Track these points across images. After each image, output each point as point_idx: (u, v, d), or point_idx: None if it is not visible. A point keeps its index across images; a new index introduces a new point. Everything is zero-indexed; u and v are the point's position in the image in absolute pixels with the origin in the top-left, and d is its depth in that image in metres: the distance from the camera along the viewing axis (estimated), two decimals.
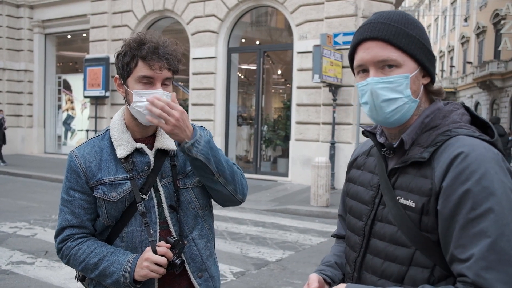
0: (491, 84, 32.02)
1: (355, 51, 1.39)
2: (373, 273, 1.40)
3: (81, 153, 1.84)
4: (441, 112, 1.37)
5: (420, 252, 1.28)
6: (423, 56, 1.34)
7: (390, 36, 1.31)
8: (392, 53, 1.31)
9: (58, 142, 19.49)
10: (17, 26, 19.12)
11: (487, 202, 1.15)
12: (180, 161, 1.91)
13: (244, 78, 17.13)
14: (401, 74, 1.31)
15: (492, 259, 1.13)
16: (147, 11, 15.27)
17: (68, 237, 1.83)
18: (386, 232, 1.36)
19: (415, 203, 1.28)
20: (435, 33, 50.48)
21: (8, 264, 5.64)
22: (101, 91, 16.11)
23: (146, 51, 1.72)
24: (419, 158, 1.29)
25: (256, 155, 14.02)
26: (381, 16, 1.36)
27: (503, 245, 1.13)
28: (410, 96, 1.33)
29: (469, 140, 1.25)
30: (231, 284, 5.15)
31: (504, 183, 1.18)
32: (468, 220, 1.17)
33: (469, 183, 1.18)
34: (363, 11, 11.70)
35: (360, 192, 1.50)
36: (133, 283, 1.73)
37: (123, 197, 1.79)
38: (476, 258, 1.14)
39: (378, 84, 1.32)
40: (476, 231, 1.16)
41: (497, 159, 1.22)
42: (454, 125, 1.31)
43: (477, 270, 1.14)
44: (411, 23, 1.35)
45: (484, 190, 1.16)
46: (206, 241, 1.96)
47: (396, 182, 1.36)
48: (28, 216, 8.34)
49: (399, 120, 1.35)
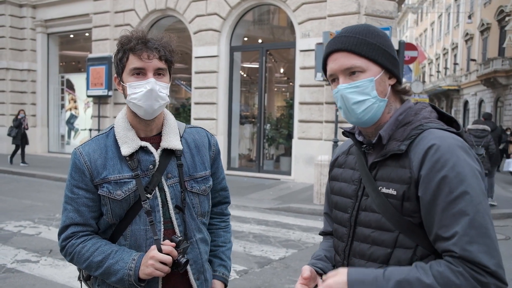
0: (495, 81, 31.86)
1: (326, 63, 1.57)
2: (360, 258, 1.55)
3: (85, 151, 1.83)
4: (413, 110, 1.54)
5: (403, 235, 1.44)
6: (385, 60, 1.51)
7: (353, 46, 1.49)
8: (355, 60, 1.49)
9: (61, 142, 19.55)
10: (20, 25, 19.18)
11: (462, 186, 1.33)
12: (188, 161, 1.91)
13: (247, 77, 17.12)
14: (366, 78, 1.49)
15: (473, 234, 1.30)
16: (149, 10, 15.28)
17: (72, 235, 1.83)
18: (371, 219, 1.52)
19: (396, 191, 1.45)
20: (439, 30, 50.29)
21: (13, 262, 5.67)
22: (104, 90, 16.14)
23: (134, 43, 1.74)
24: (397, 151, 1.46)
25: (259, 154, 14.03)
26: (345, 31, 1.54)
27: (480, 220, 1.31)
28: (377, 96, 1.50)
29: (439, 132, 1.42)
30: (234, 282, 5.16)
31: (472, 167, 1.36)
32: (448, 203, 1.34)
33: (445, 170, 1.35)
34: (365, 8, 11.68)
35: (344, 188, 1.66)
36: (137, 282, 1.74)
37: (128, 196, 1.79)
38: (460, 234, 1.31)
39: (347, 89, 1.50)
40: (455, 211, 1.33)
41: (464, 147, 1.40)
42: (425, 120, 1.49)
43: (462, 245, 1.30)
44: (372, 33, 1.52)
45: (458, 175, 1.34)
46: (206, 246, 1.99)
47: (377, 175, 1.53)
48: (33, 215, 8.38)
49: (371, 119, 1.52)
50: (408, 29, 61.87)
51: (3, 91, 19.11)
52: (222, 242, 2.13)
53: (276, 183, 12.52)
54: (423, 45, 52.71)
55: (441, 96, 47.89)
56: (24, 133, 15.34)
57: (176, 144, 1.86)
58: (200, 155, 1.96)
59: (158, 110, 1.80)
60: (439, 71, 48.23)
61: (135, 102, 1.75)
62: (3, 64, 18.94)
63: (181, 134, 1.94)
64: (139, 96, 1.74)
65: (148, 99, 1.74)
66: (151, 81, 1.73)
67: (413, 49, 15.53)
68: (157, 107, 1.77)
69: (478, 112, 36.95)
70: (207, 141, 2.01)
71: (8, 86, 19.02)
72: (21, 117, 15.39)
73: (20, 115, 15.46)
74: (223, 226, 2.17)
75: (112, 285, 1.83)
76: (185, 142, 1.93)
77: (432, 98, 46.31)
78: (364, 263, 1.53)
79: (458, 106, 42.92)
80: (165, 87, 1.78)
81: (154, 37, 1.79)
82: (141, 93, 1.73)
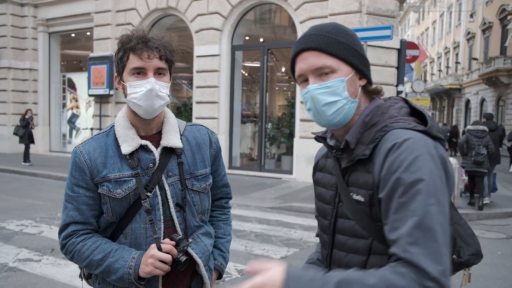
0: (497, 80, 31.83)
1: (295, 63, 1.49)
2: (339, 266, 1.50)
3: (86, 149, 1.83)
4: (380, 109, 1.47)
5: (377, 241, 1.39)
6: (356, 59, 1.45)
7: (323, 45, 1.42)
8: (326, 60, 1.42)
9: (63, 141, 19.56)
10: (21, 25, 19.19)
11: (416, 187, 1.25)
12: (189, 160, 1.91)
13: (248, 76, 17.12)
14: (337, 78, 1.42)
15: (418, 236, 1.21)
16: (151, 9, 15.28)
17: (72, 233, 1.83)
18: (346, 227, 1.47)
19: (363, 198, 1.40)
20: (440, 29, 50.23)
21: (15, 261, 5.68)
22: (106, 89, 16.15)
23: (134, 43, 1.74)
24: (361, 156, 1.40)
25: (261, 153, 14.02)
26: (314, 29, 1.48)
27: (428, 223, 1.22)
28: (348, 97, 1.43)
29: (402, 132, 1.34)
30: (236, 281, 5.16)
31: (431, 169, 1.27)
32: (400, 204, 1.26)
33: (399, 171, 1.28)
34: (367, 7, 11.66)
35: (323, 193, 1.62)
36: (137, 280, 1.74)
37: (128, 194, 1.79)
38: (404, 235, 1.23)
39: (317, 90, 1.42)
40: (406, 213, 1.25)
41: (427, 147, 1.31)
42: (390, 120, 1.41)
43: (404, 246, 1.22)
44: (341, 32, 1.46)
45: (412, 175, 1.26)
46: (210, 238, 2.00)
47: (349, 180, 1.47)
48: (34, 214, 8.39)
49: (342, 121, 1.46)
50: (409, 28, 61.82)
51: (4, 90, 19.12)
52: (222, 234, 2.14)
53: (277, 182, 12.52)
54: (425, 44, 52.66)
55: (442, 95, 47.85)
56: (30, 132, 15.34)
57: (176, 142, 1.87)
58: (201, 153, 1.96)
59: (158, 110, 1.80)
60: (440, 70, 48.18)
61: (135, 101, 1.75)
62: (4, 63, 18.95)
63: (181, 132, 1.94)
64: (139, 95, 1.74)
65: (148, 99, 1.74)
66: (151, 81, 1.74)
67: (415, 48, 15.51)
68: (157, 106, 1.77)
69: (480, 111, 36.91)
70: (208, 138, 2.01)
71: (9, 85, 19.03)
72: (28, 116, 15.35)
73: (27, 114, 15.43)
74: (224, 219, 2.18)
75: (113, 283, 1.83)
76: (186, 140, 1.94)
77: (433, 97, 46.27)
78: None
79: (460, 105, 42.88)
80: (165, 86, 1.79)
81: (155, 36, 1.79)
82: (141, 93, 1.73)
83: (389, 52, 11.99)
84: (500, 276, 5.78)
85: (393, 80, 12.10)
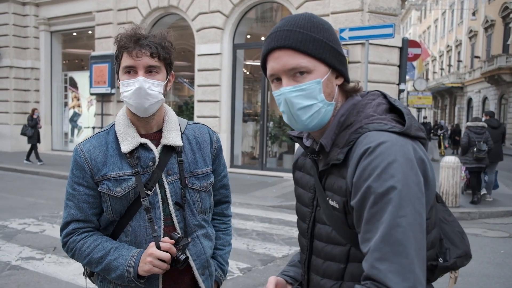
0: (500, 78, 31.78)
1: (266, 61, 1.37)
2: (316, 274, 1.44)
3: (86, 148, 1.84)
4: (356, 108, 1.37)
5: (355, 248, 1.31)
6: (333, 58, 1.33)
7: (297, 43, 1.30)
8: (301, 60, 1.30)
9: (65, 139, 19.58)
10: (23, 24, 19.19)
11: (387, 196, 1.16)
12: (189, 158, 1.91)
13: (250, 74, 17.11)
14: (313, 80, 1.31)
15: (386, 251, 1.14)
16: (152, 7, 15.27)
17: (73, 231, 1.84)
18: (323, 232, 1.39)
19: (338, 204, 1.32)
20: (443, 27, 50.13)
21: (17, 259, 5.70)
22: (107, 88, 16.15)
23: (125, 41, 1.75)
24: (335, 161, 1.31)
25: (262, 152, 14.02)
26: (287, 23, 1.34)
27: (398, 236, 1.14)
28: (324, 100, 1.32)
29: (376, 135, 1.24)
30: (238, 280, 5.17)
31: (406, 175, 1.18)
32: (370, 215, 1.19)
33: (370, 179, 1.19)
34: (369, 5, 11.65)
35: (302, 195, 1.53)
36: (137, 278, 1.74)
37: (128, 193, 1.79)
38: (372, 250, 1.16)
39: (292, 93, 1.31)
40: (376, 224, 1.17)
41: (404, 151, 1.21)
42: (366, 121, 1.30)
43: (372, 262, 1.15)
44: (316, 26, 1.33)
45: (383, 184, 1.17)
46: (209, 241, 1.98)
47: (325, 184, 1.39)
48: (37, 212, 8.41)
49: (318, 124, 1.35)
50: (411, 26, 61.71)
51: (6, 89, 19.14)
52: (221, 245, 2.11)
53: (279, 181, 12.52)
54: (427, 42, 52.57)
55: (444, 93, 47.79)
56: (38, 132, 15.32)
57: (177, 141, 1.86)
58: (201, 152, 1.95)
59: (151, 108, 1.79)
60: (442, 68, 48.12)
61: (126, 100, 1.77)
62: (6, 62, 18.97)
63: (182, 131, 1.94)
64: (129, 94, 1.74)
65: (138, 97, 1.74)
66: (140, 79, 1.73)
67: (417, 46, 15.49)
68: (148, 105, 1.76)
69: (482, 109, 36.86)
70: (209, 137, 2.01)
71: (11, 84, 19.05)
72: (36, 116, 15.32)
73: (35, 114, 15.37)
74: (223, 228, 2.15)
75: (113, 281, 1.84)
76: (186, 138, 1.93)
77: (435, 95, 46.21)
78: (319, 280, 1.42)
79: (462, 104, 42.81)
80: (157, 84, 1.77)
81: (147, 34, 1.79)
82: (130, 91, 1.74)
83: (391, 50, 11.97)
84: (503, 275, 5.77)
85: (395, 79, 12.09)
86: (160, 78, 1.79)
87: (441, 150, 23.82)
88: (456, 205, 9.56)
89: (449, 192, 9.58)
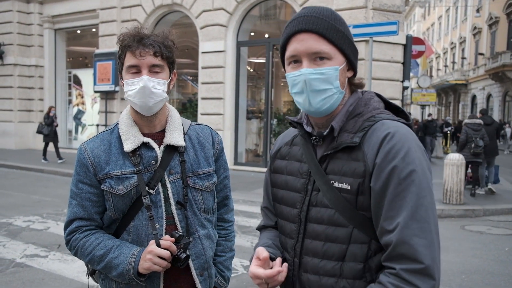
0: (504, 75, 31.67)
1: (288, 42, 1.45)
2: (314, 256, 1.48)
3: (90, 147, 1.86)
4: (362, 101, 1.49)
5: (358, 229, 1.39)
6: (350, 50, 1.45)
7: (324, 30, 1.39)
8: (324, 46, 1.40)
9: (69, 137, 19.62)
10: (27, 21, 19.23)
11: (410, 177, 1.30)
12: (191, 158, 1.92)
13: (253, 72, 17.10)
14: (332, 66, 1.40)
15: (415, 227, 1.27)
16: (156, 5, 15.27)
17: (76, 229, 1.86)
18: (324, 215, 1.44)
19: (350, 185, 1.38)
20: (446, 24, 49.96)
21: (22, 257, 5.72)
22: (111, 85, 16.18)
23: (128, 41, 1.76)
24: (350, 143, 1.40)
25: (266, 149, 14.02)
26: (314, 11, 1.43)
27: (423, 214, 1.28)
28: (339, 87, 1.43)
29: (392, 123, 1.39)
30: (242, 277, 5.17)
31: (421, 160, 1.33)
32: (395, 194, 1.30)
33: (396, 160, 1.31)
34: (373, 2, 11.62)
35: (290, 181, 1.57)
36: (137, 276, 1.75)
37: (130, 191, 1.81)
38: (401, 226, 1.28)
39: (312, 74, 1.39)
40: (401, 203, 1.30)
41: (415, 139, 1.37)
42: (376, 111, 1.44)
43: (403, 237, 1.27)
44: (339, 20, 1.44)
45: (407, 166, 1.31)
46: (211, 242, 1.98)
47: (327, 168, 1.45)
48: (41, 210, 8.44)
49: (328, 109, 1.44)
50: (415, 23, 61.52)
51: (10, 86, 19.19)
52: (221, 251, 2.10)
53: None
54: (431, 39, 52.40)
55: (448, 90, 47.64)
56: (55, 130, 15.30)
57: (179, 141, 1.88)
58: (204, 152, 1.97)
59: (155, 107, 1.81)
60: (446, 65, 47.95)
61: (131, 99, 1.78)
62: (10, 60, 19.02)
63: (185, 131, 1.95)
64: (133, 93, 1.76)
65: (142, 96, 1.76)
66: (144, 78, 1.75)
67: (421, 44, 15.45)
68: (152, 104, 1.78)
69: (486, 106, 36.76)
70: (211, 138, 2.02)
71: (15, 81, 19.10)
72: (52, 114, 15.29)
73: (51, 112, 15.33)
74: (223, 235, 2.13)
75: (114, 279, 1.85)
76: (189, 139, 1.95)
77: (439, 92, 46.08)
78: (318, 262, 1.46)
79: (466, 101, 42.69)
80: (161, 83, 1.79)
81: (150, 33, 1.81)
82: (135, 90, 1.76)
83: (395, 47, 11.93)
84: (507, 272, 5.76)
85: (399, 76, 12.06)
86: (163, 77, 1.81)
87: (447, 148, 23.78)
88: (460, 202, 9.53)
89: (454, 190, 9.55)
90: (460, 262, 6.08)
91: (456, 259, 6.12)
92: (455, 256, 6.22)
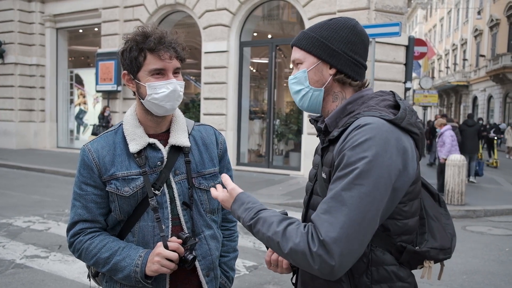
0: (504, 77, 31.67)
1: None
2: None
3: (94, 148, 1.83)
4: (362, 99, 1.56)
5: None
6: (321, 51, 1.56)
7: (296, 41, 1.63)
8: (297, 54, 1.62)
9: (70, 137, 19.59)
10: (28, 20, 19.19)
11: (354, 165, 1.34)
12: (196, 158, 1.91)
13: (256, 72, 17.08)
14: (301, 70, 1.60)
15: (331, 205, 1.34)
16: (159, 5, 15.25)
17: (80, 231, 1.83)
18: (315, 202, 1.58)
19: (326, 175, 1.51)
20: (448, 26, 49.95)
21: (22, 258, 5.69)
22: (113, 85, 16.15)
23: (153, 43, 1.73)
24: (331, 137, 1.52)
25: (269, 149, 14.00)
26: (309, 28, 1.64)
27: (345, 197, 1.33)
28: (309, 86, 1.59)
29: (367, 118, 1.43)
30: (244, 277, 5.15)
31: (378, 154, 1.34)
32: (336, 178, 1.39)
33: (347, 149, 1.38)
34: (375, 4, 11.59)
35: (310, 172, 1.74)
36: (144, 278, 1.74)
37: (136, 192, 1.79)
38: (322, 202, 1.39)
39: (291, 80, 1.64)
40: (334, 185, 1.38)
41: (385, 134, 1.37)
42: (365, 109, 1.50)
43: (318, 210, 1.38)
44: (320, 27, 1.59)
45: (355, 155, 1.35)
46: (217, 243, 1.97)
47: (323, 159, 1.59)
48: (42, 210, 8.41)
49: (312, 107, 1.63)
50: (417, 25, 61.53)
51: (12, 86, 19.15)
52: (225, 252, 2.10)
53: (285, 179, 12.49)
54: (432, 40, 52.40)
55: (450, 92, 47.64)
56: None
57: (184, 141, 1.87)
58: (208, 152, 1.96)
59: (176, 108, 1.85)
60: (448, 66, 47.97)
61: (157, 102, 1.76)
62: (12, 59, 18.97)
63: (189, 131, 1.95)
64: (162, 96, 1.75)
65: (171, 100, 1.77)
66: (174, 82, 1.76)
67: (423, 45, 15.45)
68: (177, 105, 1.82)
69: (487, 108, 36.78)
70: (215, 138, 2.02)
71: (17, 81, 19.05)
72: (107, 114, 15.13)
73: (106, 112, 15.14)
74: (227, 235, 2.13)
75: (120, 282, 1.82)
76: (193, 139, 1.94)
77: (441, 94, 46.04)
78: None
79: (467, 102, 42.69)
80: (183, 85, 1.82)
81: (167, 33, 1.79)
82: (163, 94, 1.75)
83: (397, 48, 11.92)
84: (508, 272, 5.76)
85: (401, 77, 12.05)
86: (182, 79, 1.85)
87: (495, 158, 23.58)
88: (461, 203, 9.56)
89: (455, 190, 9.58)
90: (461, 262, 6.07)
91: (457, 260, 6.11)
92: (457, 257, 6.19)
